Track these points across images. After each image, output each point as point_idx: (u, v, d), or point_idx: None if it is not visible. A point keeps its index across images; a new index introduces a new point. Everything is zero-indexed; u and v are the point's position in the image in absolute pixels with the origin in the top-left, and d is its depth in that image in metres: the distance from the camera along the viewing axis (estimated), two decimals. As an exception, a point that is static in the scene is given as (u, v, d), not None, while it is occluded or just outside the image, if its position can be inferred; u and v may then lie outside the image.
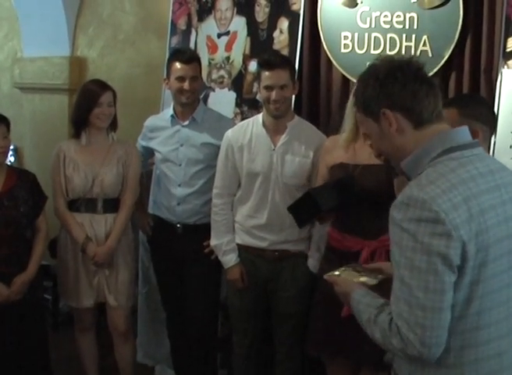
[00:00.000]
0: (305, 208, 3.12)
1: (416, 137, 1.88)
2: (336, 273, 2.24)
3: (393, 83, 1.86)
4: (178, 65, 3.74)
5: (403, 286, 1.75)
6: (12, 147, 4.05)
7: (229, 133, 3.61)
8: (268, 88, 3.37)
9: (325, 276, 2.31)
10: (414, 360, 1.81)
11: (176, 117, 3.88)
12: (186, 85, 3.72)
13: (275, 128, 3.49)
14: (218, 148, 3.67)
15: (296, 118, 3.55)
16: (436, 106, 1.89)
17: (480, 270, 1.75)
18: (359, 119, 2.05)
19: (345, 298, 2.04)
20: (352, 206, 3.11)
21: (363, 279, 2.14)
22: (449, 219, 1.69)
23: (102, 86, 3.75)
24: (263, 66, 3.43)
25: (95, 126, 3.75)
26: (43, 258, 3.76)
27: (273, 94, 3.36)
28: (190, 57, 3.80)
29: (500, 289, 1.81)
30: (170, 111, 3.91)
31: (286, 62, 3.49)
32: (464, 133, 1.91)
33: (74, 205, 3.78)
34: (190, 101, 3.79)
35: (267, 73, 3.37)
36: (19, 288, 3.55)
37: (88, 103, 3.69)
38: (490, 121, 2.71)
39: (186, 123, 3.85)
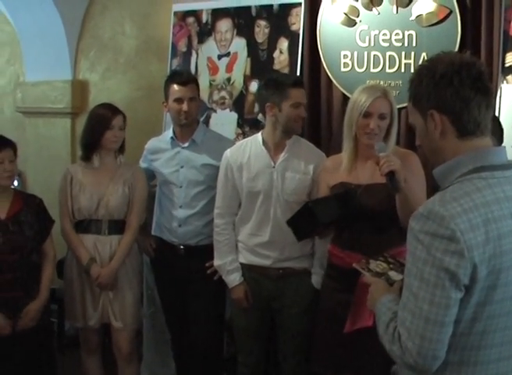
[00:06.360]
0: (303, 220, 3.13)
1: (457, 146, 1.85)
2: (366, 262, 2.24)
3: (448, 86, 1.80)
4: (176, 87, 3.76)
5: (411, 295, 1.75)
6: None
7: (227, 152, 3.62)
8: (297, 105, 3.40)
9: (354, 265, 2.35)
10: (411, 370, 1.80)
11: (175, 139, 3.89)
12: (184, 106, 3.74)
13: (275, 146, 3.50)
14: (218, 168, 3.66)
15: (294, 136, 3.55)
16: (484, 119, 1.84)
17: (488, 293, 1.74)
18: (408, 109, 1.99)
19: (372, 300, 2.04)
20: (353, 223, 3.11)
21: (390, 273, 2.16)
22: (464, 239, 1.68)
23: (113, 110, 3.78)
24: (289, 85, 3.41)
25: (105, 149, 3.78)
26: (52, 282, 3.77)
27: (302, 112, 3.42)
28: (187, 78, 3.82)
29: (509, 313, 1.80)
30: (170, 133, 3.93)
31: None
32: (500, 153, 1.87)
33: (81, 225, 3.79)
34: (189, 123, 3.81)
35: (294, 91, 3.39)
36: (33, 315, 3.57)
37: (100, 127, 3.72)
38: (497, 132, 2.70)
39: (186, 144, 3.86)
